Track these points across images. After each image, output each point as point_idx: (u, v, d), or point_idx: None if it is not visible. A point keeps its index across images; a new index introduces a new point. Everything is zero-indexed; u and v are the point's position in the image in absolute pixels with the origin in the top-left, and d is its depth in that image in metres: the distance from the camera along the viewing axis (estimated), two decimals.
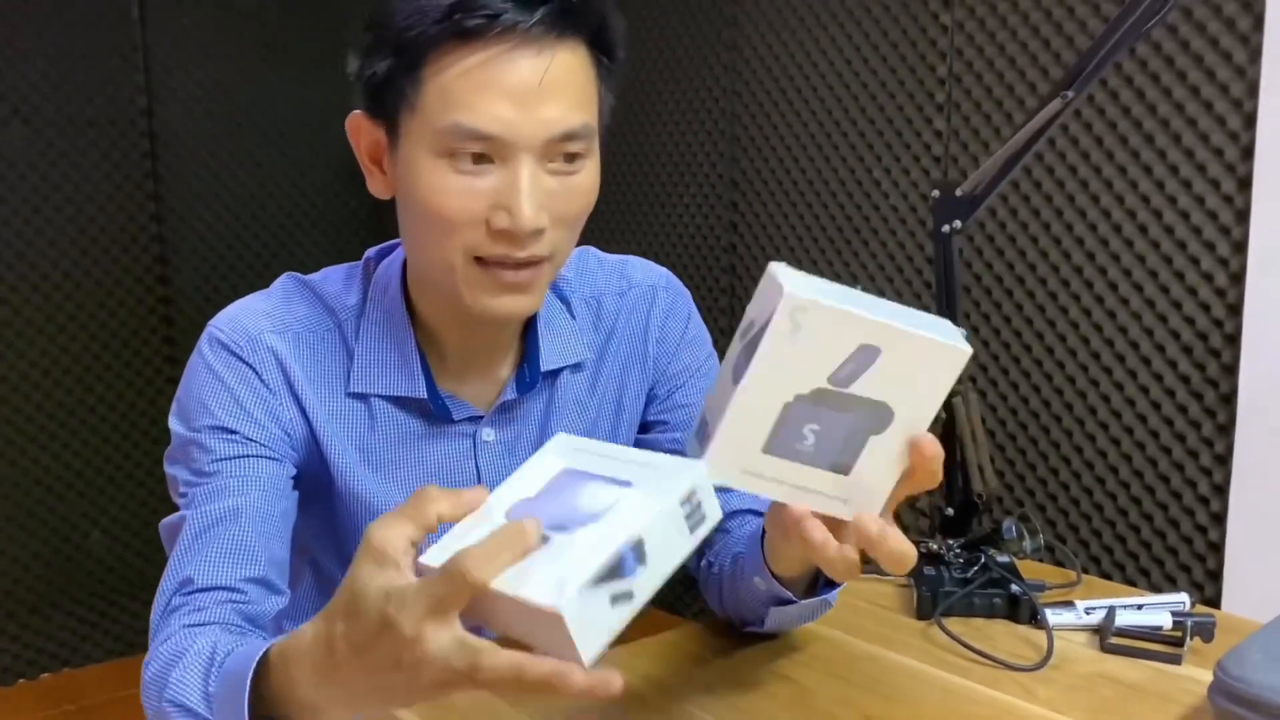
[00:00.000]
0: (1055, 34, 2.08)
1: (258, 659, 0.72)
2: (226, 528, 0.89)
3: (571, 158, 0.88)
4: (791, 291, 0.62)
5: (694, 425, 0.73)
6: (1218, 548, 1.92)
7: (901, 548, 0.71)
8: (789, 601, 0.94)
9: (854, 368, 0.65)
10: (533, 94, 0.83)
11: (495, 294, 0.89)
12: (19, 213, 2.67)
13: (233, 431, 0.92)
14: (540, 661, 0.59)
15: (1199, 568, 1.96)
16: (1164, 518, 2.00)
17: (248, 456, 0.92)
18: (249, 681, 0.72)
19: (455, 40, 0.83)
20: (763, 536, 0.92)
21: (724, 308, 2.84)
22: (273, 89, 3.00)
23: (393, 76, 0.86)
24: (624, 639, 1.06)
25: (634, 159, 3.05)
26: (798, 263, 2.64)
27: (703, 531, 0.63)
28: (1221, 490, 1.91)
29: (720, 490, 0.65)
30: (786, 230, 2.67)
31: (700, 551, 1.09)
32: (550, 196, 0.86)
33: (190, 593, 0.86)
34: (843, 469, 0.68)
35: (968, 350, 0.65)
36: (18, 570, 2.74)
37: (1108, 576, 2.07)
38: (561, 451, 0.69)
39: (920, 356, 0.65)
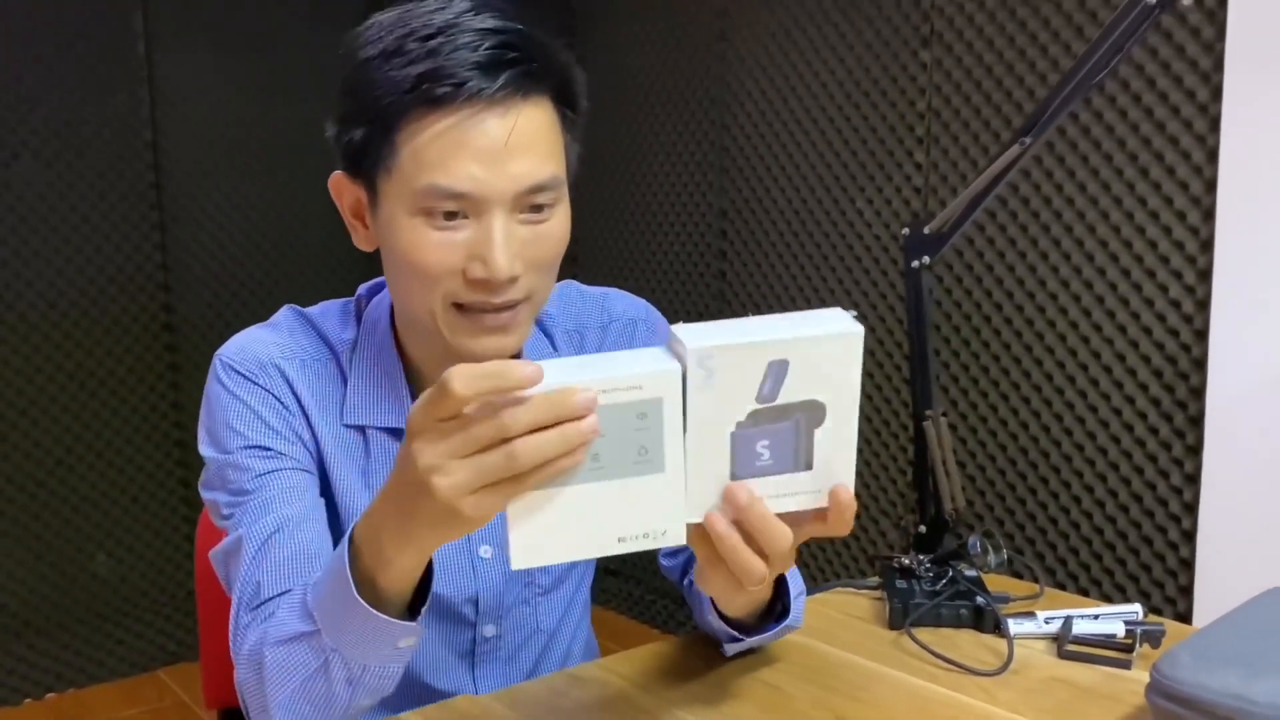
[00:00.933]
0: (1029, 71, 2.17)
1: (346, 543, 0.80)
2: (286, 536, 0.93)
3: (540, 207, 0.93)
4: (693, 345, 0.71)
5: None
6: (1189, 564, 1.99)
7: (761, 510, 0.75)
8: (740, 639, 1.01)
9: (772, 383, 0.74)
10: (501, 152, 0.88)
11: (476, 336, 0.94)
12: (28, 242, 2.74)
13: (266, 448, 0.97)
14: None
15: (1171, 583, 2.03)
16: (1137, 536, 2.07)
17: (283, 470, 0.97)
18: (346, 559, 0.79)
19: (426, 107, 0.88)
20: None
21: None
22: (275, 122, 3.06)
23: (369, 141, 0.91)
24: (614, 650, 1.13)
25: (626, 189, 3.12)
26: (785, 289, 2.72)
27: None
28: (1192, 509, 1.98)
29: None
30: (775, 258, 2.75)
31: (684, 569, 1.16)
32: (523, 245, 0.92)
33: (261, 603, 0.91)
34: (805, 466, 0.77)
35: (860, 330, 0.74)
36: (25, 591, 2.79)
37: (1085, 593, 2.14)
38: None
39: (822, 353, 0.74)
